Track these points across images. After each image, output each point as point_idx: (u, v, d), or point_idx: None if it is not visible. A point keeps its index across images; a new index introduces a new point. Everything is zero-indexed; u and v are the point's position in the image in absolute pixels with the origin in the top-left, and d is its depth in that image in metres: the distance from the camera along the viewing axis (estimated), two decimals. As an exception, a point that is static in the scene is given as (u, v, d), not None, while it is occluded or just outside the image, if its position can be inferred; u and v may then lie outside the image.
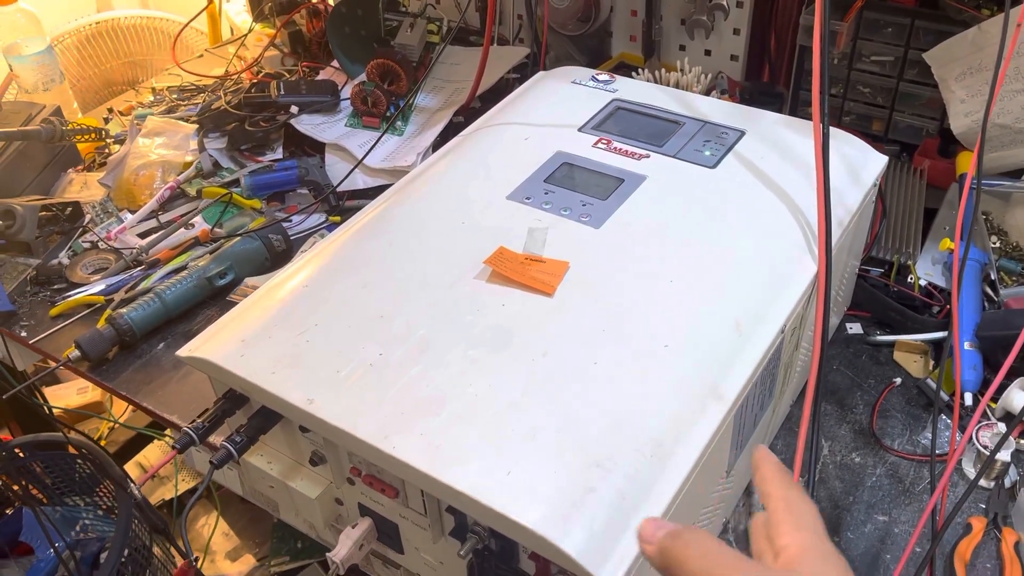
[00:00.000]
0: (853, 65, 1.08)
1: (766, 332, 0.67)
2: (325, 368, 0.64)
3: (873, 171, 0.83)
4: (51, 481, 1.33)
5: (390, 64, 1.21)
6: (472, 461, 0.56)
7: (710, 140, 0.84)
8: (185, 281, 0.97)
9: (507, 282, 0.69)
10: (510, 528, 0.54)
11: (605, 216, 0.76)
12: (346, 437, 0.60)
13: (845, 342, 0.92)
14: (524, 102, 0.95)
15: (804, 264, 0.72)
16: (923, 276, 0.94)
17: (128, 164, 1.17)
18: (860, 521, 0.75)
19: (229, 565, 1.56)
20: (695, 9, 1.16)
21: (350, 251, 0.76)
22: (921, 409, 0.84)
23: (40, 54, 1.35)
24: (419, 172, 0.86)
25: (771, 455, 0.49)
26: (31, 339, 0.98)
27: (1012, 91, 0.96)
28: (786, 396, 0.80)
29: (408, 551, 0.70)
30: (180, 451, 0.67)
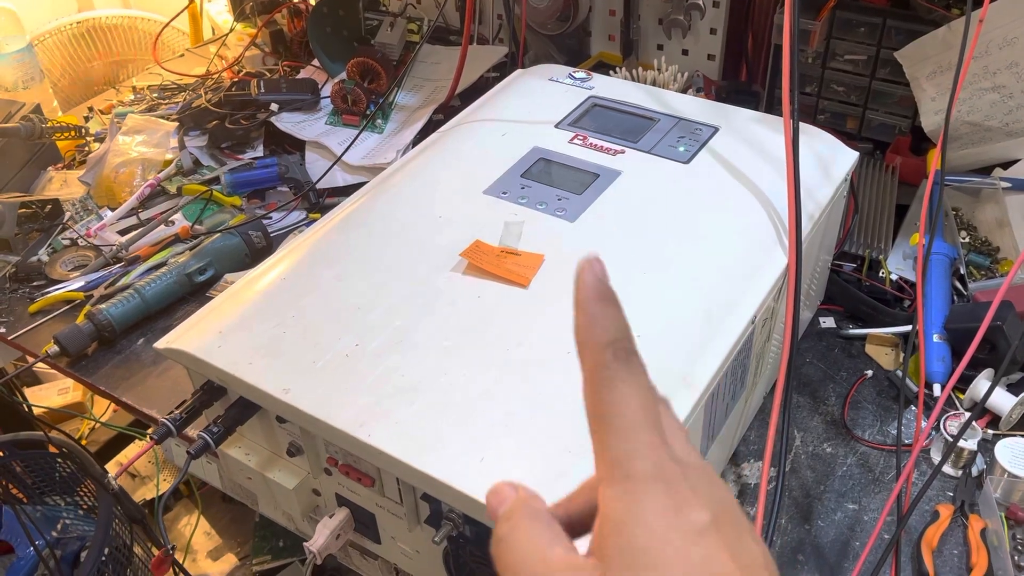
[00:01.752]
0: (827, 64, 1.10)
1: (737, 322, 0.68)
2: (302, 359, 0.65)
3: (844, 166, 0.84)
4: (31, 480, 1.33)
5: (370, 63, 1.22)
6: (446, 448, 0.57)
7: (684, 136, 0.86)
8: (165, 277, 0.98)
9: (483, 274, 0.70)
10: (484, 513, 0.55)
11: (580, 210, 0.77)
12: (322, 426, 0.61)
13: (818, 335, 0.93)
14: (502, 99, 0.96)
15: (775, 256, 0.73)
16: (894, 271, 0.96)
17: (108, 162, 1.17)
18: (831, 509, 0.76)
19: (211, 564, 1.56)
20: (672, 9, 1.17)
21: (328, 244, 0.77)
22: (891, 400, 0.86)
23: (20, 52, 1.35)
24: (397, 167, 0.87)
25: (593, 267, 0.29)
26: (10, 335, 0.98)
27: (981, 89, 0.98)
28: (759, 387, 0.81)
29: (385, 541, 0.70)
30: (158, 442, 0.68)
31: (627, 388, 0.28)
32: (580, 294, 0.29)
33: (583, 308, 0.29)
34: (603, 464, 0.28)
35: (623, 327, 0.29)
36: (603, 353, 0.28)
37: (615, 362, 0.28)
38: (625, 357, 0.28)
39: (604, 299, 0.29)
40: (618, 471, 0.27)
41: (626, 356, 0.28)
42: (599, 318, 0.28)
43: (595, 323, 0.28)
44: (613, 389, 0.28)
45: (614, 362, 0.28)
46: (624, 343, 0.28)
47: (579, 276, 0.29)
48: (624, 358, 0.28)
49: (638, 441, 0.28)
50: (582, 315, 0.29)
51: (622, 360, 0.28)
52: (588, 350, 0.29)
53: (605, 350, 0.28)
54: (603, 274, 0.29)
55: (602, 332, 0.28)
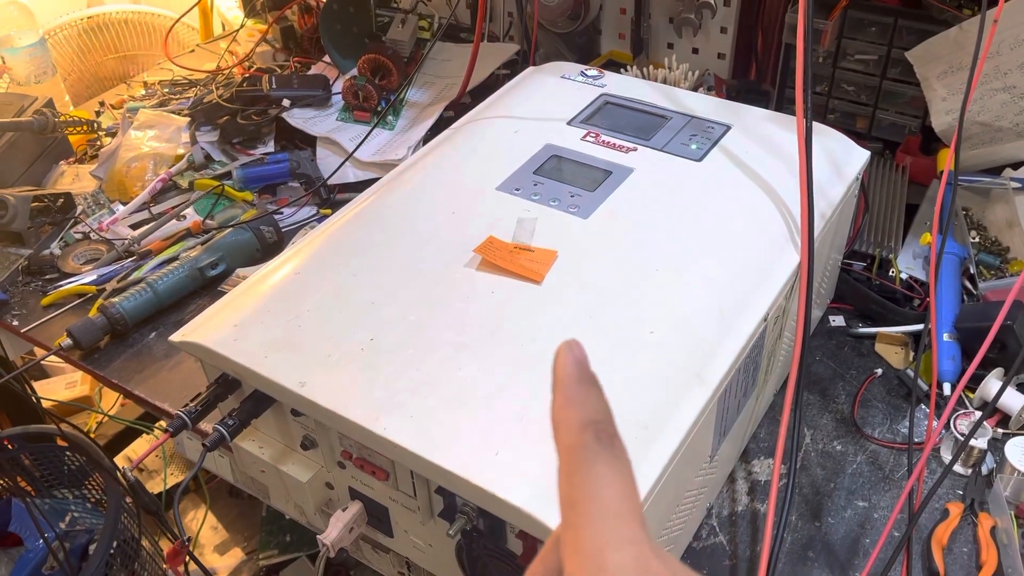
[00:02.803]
0: (838, 64, 1.10)
1: (749, 320, 0.68)
2: (317, 352, 0.65)
3: (855, 166, 0.85)
4: (40, 473, 1.33)
5: (381, 59, 1.22)
6: (462, 442, 0.58)
7: (696, 134, 0.86)
8: (177, 271, 0.98)
9: (496, 270, 0.70)
10: (498, 507, 0.55)
11: (593, 207, 0.77)
12: (338, 419, 0.61)
13: (828, 334, 0.93)
14: (514, 96, 0.96)
15: (787, 254, 0.73)
16: (904, 270, 0.96)
17: (120, 156, 1.17)
18: (841, 507, 0.76)
19: (217, 558, 1.56)
20: (683, 7, 1.18)
21: (342, 239, 0.77)
22: (901, 399, 0.86)
23: (32, 46, 1.35)
24: (410, 163, 0.87)
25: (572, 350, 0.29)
26: (23, 328, 0.98)
27: (992, 89, 0.98)
28: (770, 385, 0.82)
29: (397, 534, 0.71)
30: (173, 434, 0.68)
31: (607, 472, 0.25)
32: (559, 375, 0.28)
33: (562, 389, 0.27)
34: (573, 557, 0.24)
35: (605, 409, 0.27)
36: (582, 434, 0.26)
37: (596, 444, 0.26)
38: (608, 440, 0.26)
39: (584, 381, 0.27)
40: (590, 565, 0.24)
41: (609, 439, 0.26)
42: (580, 399, 0.27)
43: (575, 403, 0.27)
44: (591, 472, 0.25)
45: (595, 444, 0.26)
46: (607, 426, 0.26)
47: (558, 358, 0.28)
48: (607, 441, 0.26)
49: (616, 532, 0.24)
50: (561, 395, 0.27)
51: (604, 443, 0.26)
52: (565, 430, 0.26)
53: (585, 430, 0.26)
54: (583, 356, 0.28)
55: (582, 412, 0.27)
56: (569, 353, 0.28)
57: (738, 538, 0.75)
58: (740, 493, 0.78)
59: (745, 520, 0.76)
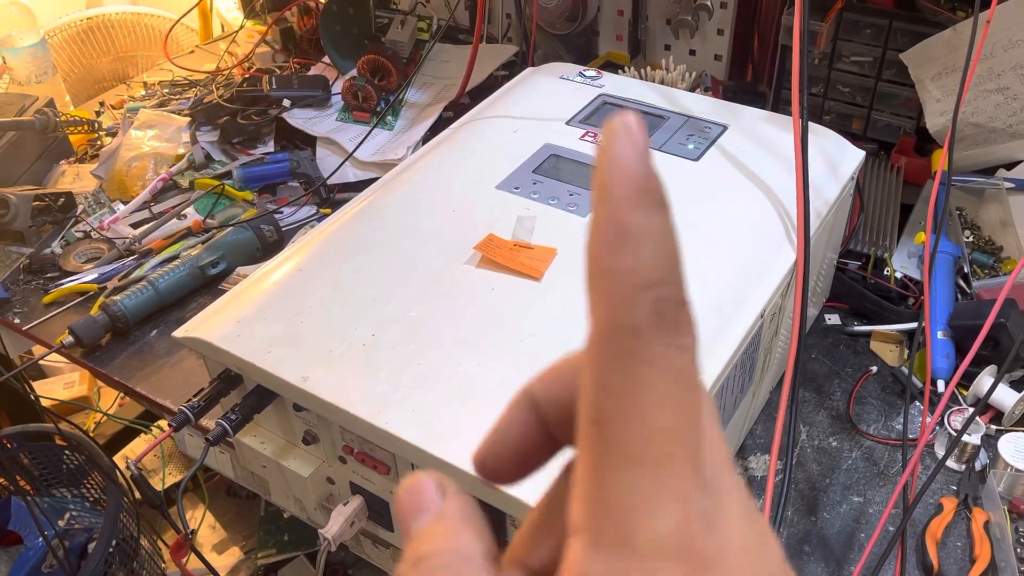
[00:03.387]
0: (833, 65, 1.11)
1: (746, 317, 0.69)
2: (319, 348, 0.66)
3: (851, 165, 0.86)
4: (39, 472, 1.34)
5: (381, 60, 1.23)
6: (462, 435, 0.59)
7: (694, 134, 0.87)
8: (178, 270, 0.99)
9: (496, 267, 0.71)
10: (499, 499, 0.56)
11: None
12: (340, 413, 0.62)
13: (824, 332, 0.94)
14: (513, 96, 0.97)
15: (783, 252, 0.74)
16: (899, 269, 0.97)
17: (121, 156, 1.18)
18: (836, 502, 0.77)
19: (216, 558, 1.57)
20: (680, 9, 1.19)
21: (343, 237, 0.78)
22: (896, 396, 0.87)
23: (33, 46, 1.36)
24: (411, 162, 0.88)
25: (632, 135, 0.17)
26: (24, 326, 0.99)
27: (985, 91, 0.99)
28: (766, 382, 0.83)
29: (398, 528, 0.72)
30: (176, 429, 0.69)
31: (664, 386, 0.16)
32: (609, 183, 0.16)
33: (611, 211, 0.16)
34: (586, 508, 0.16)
35: (673, 257, 0.16)
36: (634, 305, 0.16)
37: (654, 325, 0.16)
38: (672, 317, 0.16)
39: (648, 201, 0.16)
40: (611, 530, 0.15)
41: (673, 315, 0.16)
42: (638, 236, 0.16)
43: (631, 245, 0.16)
44: (637, 376, 0.16)
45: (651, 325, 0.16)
46: (674, 291, 0.16)
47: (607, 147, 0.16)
48: (670, 319, 0.16)
49: (659, 482, 0.15)
50: (608, 223, 0.16)
51: (666, 323, 0.16)
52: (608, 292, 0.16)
53: (639, 298, 0.16)
54: (648, 155, 0.16)
55: (638, 263, 0.16)
56: (627, 140, 0.16)
57: (735, 533, 0.75)
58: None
59: (742, 515, 0.77)
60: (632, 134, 0.16)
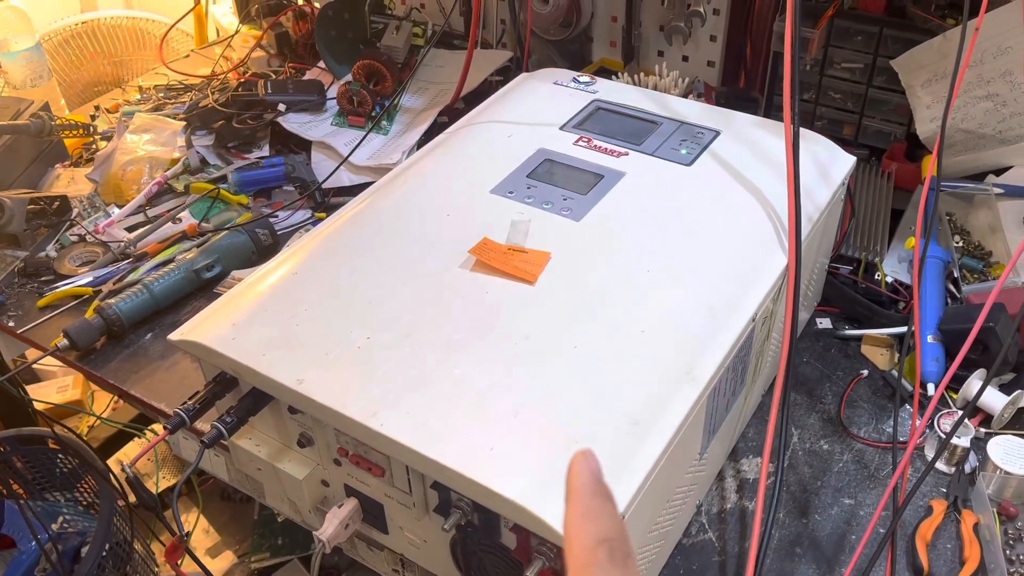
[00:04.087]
0: (825, 71, 1.12)
1: (738, 320, 0.70)
2: (315, 350, 0.66)
3: (841, 170, 0.86)
4: (32, 476, 1.33)
5: (376, 65, 1.23)
6: (457, 437, 0.59)
7: (686, 139, 0.88)
8: (173, 273, 0.99)
9: (491, 271, 0.72)
10: (493, 500, 0.56)
11: (585, 210, 0.78)
12: (335, 415, 0.62)
13: (815, 336, 0.95)
14: (508, 102, 0.97)
15: (775, 256, 0.75)
16: (890, 273, 0.98)
17: (116, 160, 1.18)
18: (827, 504, 0.78)
19: (209, 561, 1.56)
20: (673, 16, 1.20)
21: (338, 240, 0.78)
22: (886, 399, 0.88)
23: (29, 50, 1.36)
24: (406, 166, 0.88)
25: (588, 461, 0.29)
26: (19, 329, 0.99)
27: (975, 97, 1.00)
28: (758, 385, 0.83)
29: (392, 530, 0.72)
30: (172, 431, 0.69)
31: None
32: (573, 485, 0.27)
33: (576, 500, 0.26)
34: None
35: (619, 527, 0.26)
36: (596, 551, 0.25)
37: (609, 563, 0.25)
38: (621, 560, 0.25)
39: (599, 495, 0.27)
40: None
41: (622, 559, 0.25)
42: (594, 513, 0.26)
43: (589, 517, 0.26)
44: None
45: (608, 563, 0.25)
46: (621, 544, 0.26)
47: (572, 467, 0.27)
48: (620, 560, 0.25)
49: None
50: (574, 507, 0.26)
51: (617, 562, 0.25)
52: (578, 545, 0.26)
53: (599, 548, 0.25)
54: (597, 469, 0.27)
55: (597, 528, 0.26)
56: (584, 464, 0.27)
57: (727, 535, 0.76)
58: (729, 491, 0.80)
59: (734, 517, 0.77)
60: (588, 458, 0.27)
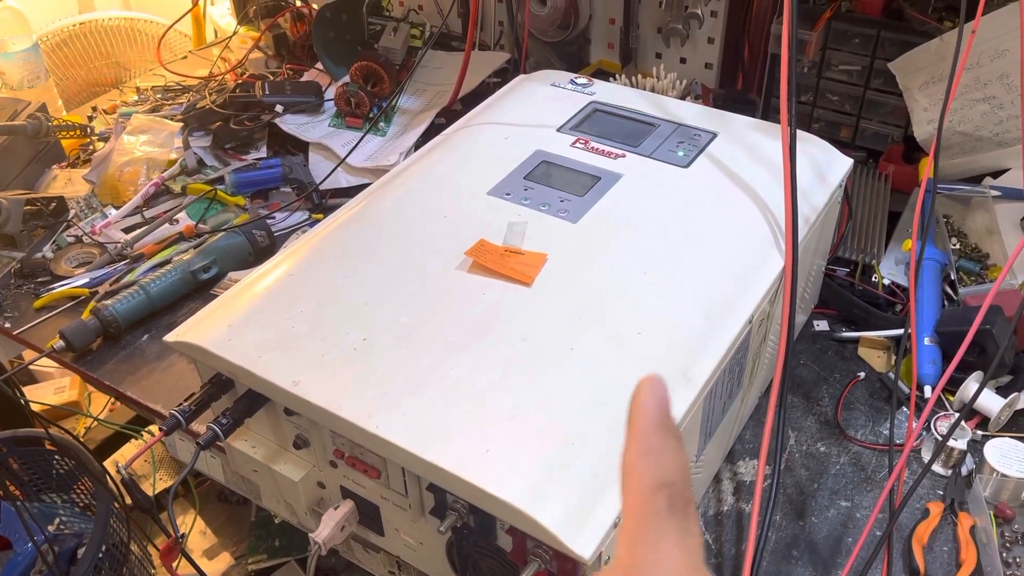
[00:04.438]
0: (822, 74, 1.12)
1: (734, 322, 0.70)
2: (311, 352, 0.66)
3: (839, 173, 0.86)
4: (28, 477, 1.33)
5: (373, 66, 1.23)
6: (453, 439, 0.59)
7: (683, 141, 0.88)
8: (170, 274, 0.99)
9: (488, 272, 0.72)
10: (489, 503, 0.56)
11: (582, 211, 0.78)
12: (331, 417, 0.62)
13: (812, 338, 0.95)
14: (505, 103, 0.97)
15: (772, 258, 0.75)
16: (887, 275, 0.98)
17: (113, 160, 1.18)
18: (824, 506, 0.78)
19: (206, 563, 1.56)
20: (671, 18, 1.20)
21: (335, 242, 0.78)
22: (883, 402, 0.88)
23: (26, 51, 1.36)
24: (403, 168, 0.88)
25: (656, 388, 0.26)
26: (15, 330, 0.99)
27: (972, 100, 1.00)
28: (755, 387, 0.83)
29: (388, 533, 0.72)
30: (167, 433, 0.69)
31: (676, 552, 0.22)
32: (637, 417, 0.24)
33: (640, 435, 0.24)
34: None
35: (683, 468, 0.24)
36: (655, 496, 0.23)
37: (668, 512, 0.23)
38: (683, 508, 0.23)
39: (665, 430, 0.24)
40: None
41: (683, 507, 0.23)
42: (658, 453, 0.24)
43: (652, 456, 0.24)
44: (658, 548, 0.22)
45: (667, 511, 0.23)
46: (683, 489, 0.24)
47: (637, 395, 0.24)
48: (681, 508, 0.23)
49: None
50: (637, 444, 0.24)
51: (678, 511, 0.23)
52: (637, 487, 0.24)
53: (659, 492, 0.23)
54: (666, 399, 0.24)
55: (659, 470, 0.23)
56: (651, 392, 0.24)
57: (724, 537, 0.76)
58: (726, 493, 0.80)
59: (730, 519, 0.77)
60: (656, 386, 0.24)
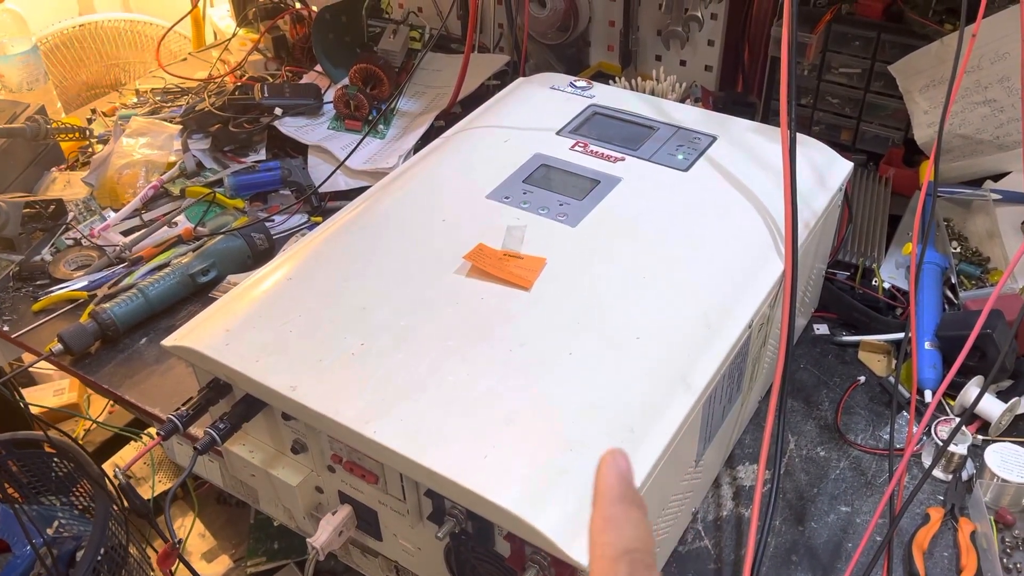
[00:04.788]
0: (822, 77, 1.12)
1: (734, 327, 0.69)
2: (308, 357, 0.66)
3: (839, 176, 0.86)
4: (27, 480, 1.33)
5: (373, 69, 1.23)
6: (451, 445, 0.59)
7: (683, 145, 0.87)
8: (168, 277, 0.99)
9: (486, 277, 0.72)
10: (487, 509, 0.56)
11: (581, 215, 0.78)
12: (328, 423, 0.62)
13: (812, 342, 0.95)
14: (504, 106, 0.97)
15: (771, 262, 0.75)
16: (887, 279, 0.98)
17: (112, 163, 1.18)
18: (824, 511, 0.78)
19: (205, 566, 1.56)
20: (671, 20, 1.19)
21: (333, 246, 0.78)
22: (883, 406, 0.87)
23: (25, 54, 1.36)
24: (401, 171, 0.88)
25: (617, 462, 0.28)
26: (13, 334, 0.99)
27: (973, 103, 1.00)
28: (754, 391, 0.83)
29: (386, 538, 0.72)
30: (165, 437, 0.69)
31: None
32: (600, 488, 0.26)
33: (602, 506, 0.25)
34: None
35: (644, 536, 0.25)
36: (617, 564, 0.24)
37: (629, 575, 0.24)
38: (643, 573, 0.24)
39: (626, 501, 0.26)
40: None
41: (644, 573, 0.24)
42: (619, 522, 0.25)
43: (614, 526, 0.25)
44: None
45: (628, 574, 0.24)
46: (644, 556, 0.25)
47: (600, 468, 0.26)
48: (641, 572, 0.24)
49: None
50: (600, 513, 0.25)
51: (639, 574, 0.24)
52: (600, 555, 0.25)
53: (620, 560, 0.24)
54: (628, 471, 0.26)
55: (620, 538, 0.25)
56: (613, 466, 0.26)
57: (723, 542, 0.76)
58: (725, 498, 0.79)
59: (730, 524, 0.77)
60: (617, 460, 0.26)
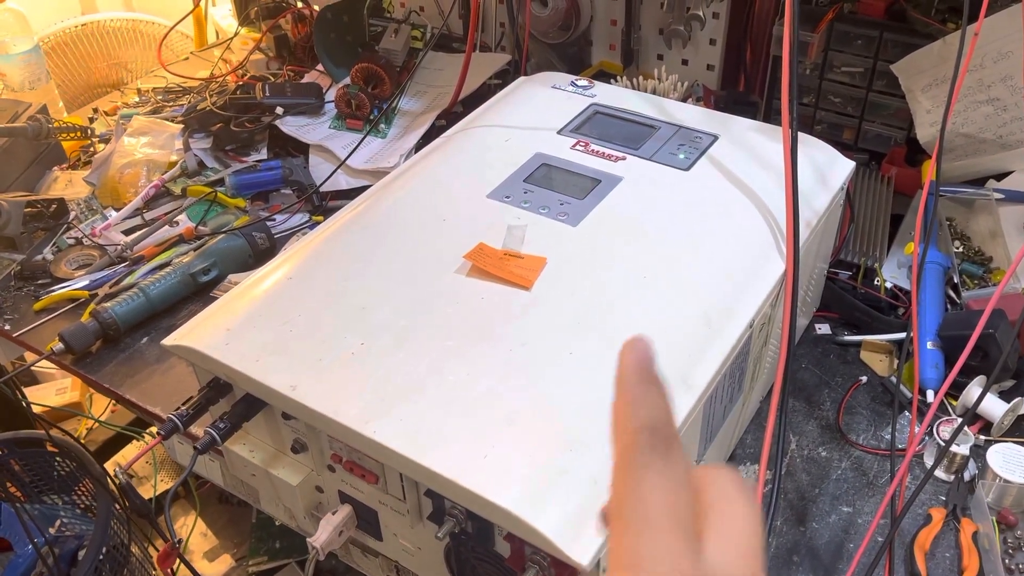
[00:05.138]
0: (824, 75, 1.11)
1: (735, 327, 0.69)
2: (308, 357, 0.66)
3: (841, 175, 0.86)
4: (29, 479, 1.33)
5: (374, 68, 1.23)
6: (451, 445, 0.58)
7: (684, 144, 0.87)
8: (169, 277, 0.99)
9: (486, 276, 0.71)
10: (487, 509, 0.56)
11: (582, 215, 0.78)
12: (328, 422, 0.62)
13: (814, 342, 0.95)
14: (505, 105, 0.97)
15: (773, 262, 0.74)
16: (889, 279, 0.97)
17: (113, 162, 1.18)
18: (825, 512, 0.77)
19: (207, 565, 1.56)
20: (673, 19, 1.19)
21: (334, 245, 0.78)
22: (885, 406, 0.87)
23: (27, 53, 1.36)
24: (402, 171, 0.88)
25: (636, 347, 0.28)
26: (14, 333, 0.99)
27: (975, 102, 0.99)
28: (756, 391, 0.83)
29: (386, 537, 0.71)
30: (165, 437, 0.69)
31: (657, 480, 0.24)
32: (621, 373, 0.26)
33: (623, 388, 0.26)
34: (615, 566, 0.24)
35: (665, 413, 0.26)
36: (637, 437, 0.25)
37: (649, 450, 0.25)
38: (664, 446, 0.25)
39: (647, 381, 0.26)
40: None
41: (665, 445, 0.25)
42: (640, 400, 0.26)
43: (635, 405, 0.26)
44: (640, 480, 0.24)
45: (648, 449, 0.25)
46: (664, 430, 0.25)
47: (622, 355, 0.27)
48: (662, 447, 0.25)
49: (657, 543, 0.23)
50: (621, 395, 0.26)
51: (659, 450, 0.25)
52: (621, 431, 0.26)
53: (640, 434, 0.25)
54: (647, 355, 0.27)
55: (640, 414, 0.25)
56: (632, 351, 0.27)
57: (724, 542, 0.75)
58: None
59: (731, 525, 0.77)
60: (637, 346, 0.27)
